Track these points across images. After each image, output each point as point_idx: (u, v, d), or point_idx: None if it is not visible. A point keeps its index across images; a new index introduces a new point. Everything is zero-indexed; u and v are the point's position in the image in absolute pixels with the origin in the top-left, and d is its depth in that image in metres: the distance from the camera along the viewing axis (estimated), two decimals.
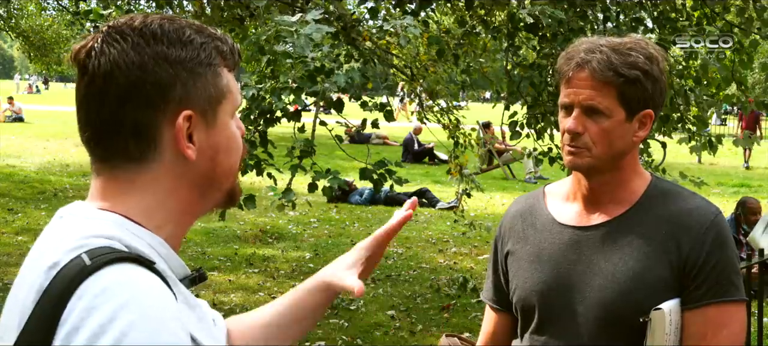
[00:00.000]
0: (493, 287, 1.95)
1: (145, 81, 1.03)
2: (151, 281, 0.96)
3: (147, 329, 0.90)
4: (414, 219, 11.10)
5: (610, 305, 1.69)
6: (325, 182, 4.35)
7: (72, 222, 1.05)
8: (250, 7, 5.77)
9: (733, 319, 1.68)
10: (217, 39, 1.11)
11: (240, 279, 7.63)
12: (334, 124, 4.94)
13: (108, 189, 1.07)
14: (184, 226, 1.12)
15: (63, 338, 0.91)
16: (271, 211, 9.81)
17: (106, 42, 1.04)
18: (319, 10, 4.20)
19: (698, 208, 1.72)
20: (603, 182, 1.75)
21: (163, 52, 1.04)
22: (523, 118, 5.79)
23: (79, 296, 0.92)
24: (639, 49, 1.66)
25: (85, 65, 1.05)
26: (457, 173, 6.91)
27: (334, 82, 3.89)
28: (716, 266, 1.67)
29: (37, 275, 0.98)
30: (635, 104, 1.67)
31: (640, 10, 5.98)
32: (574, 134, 1.67)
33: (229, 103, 1.12)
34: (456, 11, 7.05)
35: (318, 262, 8.38)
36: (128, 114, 1.03)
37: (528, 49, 6.30)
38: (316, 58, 3.82)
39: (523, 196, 1.96)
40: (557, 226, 1.80)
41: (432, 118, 7.51)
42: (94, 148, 1.08)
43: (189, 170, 1.08)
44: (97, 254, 0.96)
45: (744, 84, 6.32)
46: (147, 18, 1.07)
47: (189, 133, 1.07)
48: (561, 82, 1.72)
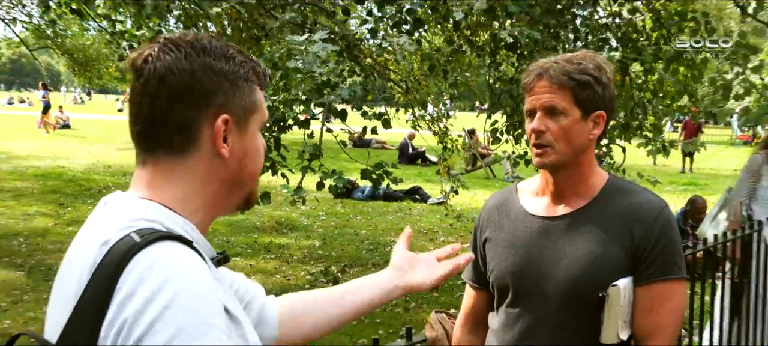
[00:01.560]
0: (472, 269, 1.96)
1: (193, 86, 1.06)
2: (192, 257, 0.98)
3: (190, 296, 0.93)
4: (409, 212, 11.13)
5: (573, 283, 1.71)
6: (331, 180, 4.36)
7: (117, 208, 1.06)
8: (266, 29, 5.79)
9: (675, 294, 1.72)
10: (254, 62, 1.14)
11: (259, 264, 7.65)
12: (339, 131, 4.95)
13: (150, 178, 1.09)
14: (211, 216, 1.14)
15: (119, 303, 0.92)
16: (285, 206, 9.83)
17: (162, 50, 1.07)
18: (326, 31, 4.22)
19: (648, 202, 1.74)
20: (566, 178, 1.77)
21: (210, 63, 1.08)
22: (502, 125, 5.81)
23: (131, 268, 0.94)
24: (588, 60, 1.71)
25: (141, 69, 1.07)
26: (446, 173, 6.92)
27: (338, 94, 3.90)
28: (663, 249, 1.70)
29: (91, 251, 0.99)
30: (589, 105, 1.70)
31: (606, 31, 5.99)
32: (538, 133, 1.71)
33: (259, 115, 1.15)
34: (445, 32, 7.05)
35: (326, 249, 8.40)
36: (176, 112, 1.06)
37: (508, 65, 6.31)
38: (323, 73, 3.83)
39: (498, 191, 1.98)
40: (528, 216, 1.82)
41: (423, 126, 7.52)
42: (142, 141, 1.09)
43: (220, 167, 1.10)
44: (144, 233, 0.98)
45: (694, 96, 6.34)
46: (198, 35, 1.10)
47: (225, 136, 1.09)
48: (525, 93, 1.76)
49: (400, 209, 11.39)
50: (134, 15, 5.30)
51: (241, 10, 4.96)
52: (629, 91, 5.77)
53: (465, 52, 6.65)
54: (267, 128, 4.08)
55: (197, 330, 0.91)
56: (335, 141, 5.03)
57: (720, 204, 5.17)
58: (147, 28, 5.91)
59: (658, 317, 1.71)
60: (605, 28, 6.02)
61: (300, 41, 3.88)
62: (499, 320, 1.85)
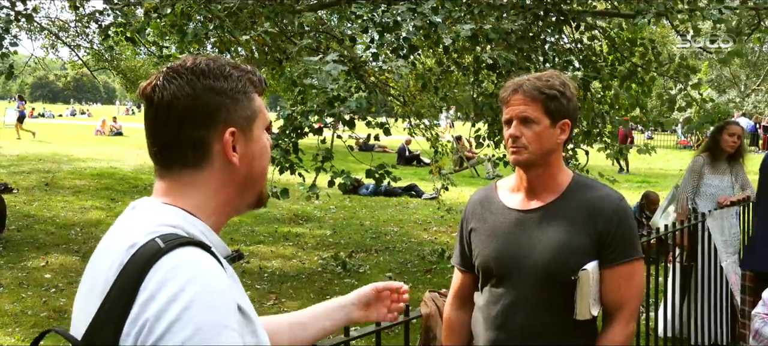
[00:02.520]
0: (460, 254, 1.94)
1: (198, 107, 1.01)
2: (210, 262, 0.94)
3: (207, 298, 0.88)
4: (406, 206, 11.10)
5: (546, 266, 1.70)
6: (341, 179, 4.34)
7: (144, 213, 1.02)
8: (287, 53, 5.77)
9: (635, 272, 1.74)
10: (249, 72, 1.08)
11: (279, 250, 7.63)
12: (347, 137, 4.93)
13: (170, 189, 1.04)
14: (226, 217, 1.09)
15: (142, 303, 0.88)
16: (301, 200, 9.80)
17: (166, 79, 1.02)
18: (336, 54, 4.19)
19: (607, 196, 1.75)
20: (538, 176, 1.76)
21: (210, 85, 1.02)
22: (485, 132, 5.78)
23: (155, 270, 0.89)
24: (555, 78, 1.72)
25: (151, 98, 1.03)
26: (437, 172, 6.89)
27: (347, 106, 3.88)
28: (622, 235, 1.71)
29: (119, 252, 0.94)
30: (556, 114, 1.71)
31: (570, 54, 5.98)
32: (515, 138, 1.72)
33: (260, 120, 1.09)
34: (436, 55, 7.03)
35: (336, 237, 8.38)
36: (186, 133, 1.01)
37: (489, 82, 6.29)
38: (334, 89, 3.81)
39: (481, 188, 1.96)
40: (507, 209, 1.81)
41: (418, 133, 7.51)
42: (160, 160, 1.05)
43: (232, 173, 1.05)
44: (168, 239, 0.93)
45: (645, 108, 6.31)
46: (196, 59, 1.05)
47: (233, 145, 1.04)
48: (502, 105, 1.77)
49: (399, 203, 11.38)
50: (178, 41, 5.28)
51: (266, 37, 4.94)
52: (590, 104, 5.75)
53: (452, 72, 6.63)
54: (287, 135, 4.06)
55: (213, 331, 0.86)
56: (344, 146, 5.01)
57: (669, 199, 5.14)
58: (188, 53, 5.89)
59: (624, 292, 1.72)
60: (569, 52, 6.01)
61: (315, 61, 3.86)
62: (484, 298, 1.83)
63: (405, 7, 4.75)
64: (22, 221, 8.52)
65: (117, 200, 10.34)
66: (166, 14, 5.04)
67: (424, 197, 11.75)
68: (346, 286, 6.13)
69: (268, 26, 4.71)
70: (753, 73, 32.98)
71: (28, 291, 5.77)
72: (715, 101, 7.49)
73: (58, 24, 13.24)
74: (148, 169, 14.40)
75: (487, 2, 4.92)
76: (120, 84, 26.60)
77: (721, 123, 5.05)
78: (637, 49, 6.21)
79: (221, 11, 5.00)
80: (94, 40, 13.54)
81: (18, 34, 12.61)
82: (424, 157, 16.39)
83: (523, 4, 5.26)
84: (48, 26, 12.61)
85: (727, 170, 4.86)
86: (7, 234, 7.63)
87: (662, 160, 17.97)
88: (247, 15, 5.27)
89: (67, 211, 9.35)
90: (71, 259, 6.83)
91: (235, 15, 5.07)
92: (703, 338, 4.21)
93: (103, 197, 10.62)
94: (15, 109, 24.54)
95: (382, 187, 10.07)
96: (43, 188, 11.16)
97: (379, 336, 2.10)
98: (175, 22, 4.98)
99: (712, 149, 4.90)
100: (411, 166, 17.29)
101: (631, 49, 6.22)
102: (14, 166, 13.54)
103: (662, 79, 7.36)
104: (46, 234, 7.89)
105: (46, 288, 5.85)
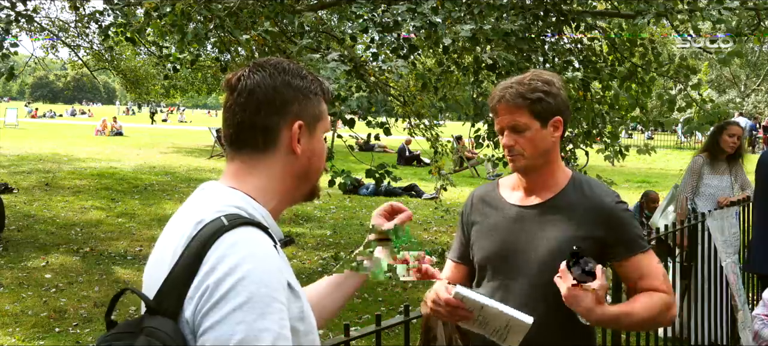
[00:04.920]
0: (458, 247, 1.95)
1: (275, 97, 1.14)
2: (265, 241, 1.04)
3: (261, 272, 0.99)
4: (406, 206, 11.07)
5: (544, 261, 1.71)
6: (341, 179, 4.34)
7: (212, 193, 1.12)
8: (287, 53, 5.76)
9: (651, 259, 1.76)
10: (321, 81, 1.21)
11: None
12: (348, 137, 4.93)
13: (237, 171, 1.15)
14: (284, 205, 1.19)
15: (204, 273, 0.98)
16: None
17: (252, 71, 1.15)
18: (337, 53, 4.19)
19: (604, 193, 1.77)
20: (537, 175, 1.78)
21: (288, 81, 1.15)
22: (484, 132, 5.78)
23: (217, 245, 1.00)
24: (537, 78, 1.72)
25: (235, 86, 1.14)
26: (437, 172, 6.89)
27: (348, 105, 3.88)
28: (625, 231, 1.73)
29: (188, 226, 1.05)
30: (545, 114, 1.71)
31: (569, 55, 5.98)
32: (510, 147, 1.74)
33: (324, 123, 1.21)
34: (436, 55, 7.04)
35: (336, 237, 8.38)
36: (261, 118, 1.13)
37: (488, 82, 6.29)
38: (335, 89, 3.81)
39: (482, 185, 1.98)
40: (507, 205, 1.83)
41: (419, 133, 7.51)
42: (233, 141, 1.15)
43: (294, 163, 1.17)
44: (231, 218, 1.04)
45: (645, 109, 6.32)
46: (280, 59, 1.18)
47: (299, 138, 1.15)
48: (493, 115, 1.79)
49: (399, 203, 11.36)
50: (178, 41, 5.27)
51: (267, 37, 4.94)
52: (590, 104, 5.75)
53: (452, 72, 6.63)
54: None
55: (263, 301, 0.97)
56: (344, 145, 5.01)
57: (668, 198, 5.14)
58: (188, 53, 5.89)
59: (649, 272, 1.73)
60: (569, 52, 6.01)
61: (316, 61, 3.86)
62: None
63: (405, 8, 4.75)
64: (22, 221, 8.52)
65: (117, 200, 10.33)
66: (167, 14, 5.03)
67: (424, 197, 11.75)
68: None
69: (268, 26, 4.71)
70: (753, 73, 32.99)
71: (28, 291, 5.77)
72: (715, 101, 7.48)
73: (59, 24, 13.25)
74: (148, 169, 14.40)
75: (487, 2, 4.92)
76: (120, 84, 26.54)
77: (721, 123, 5.05)
78: (637, 49, 6.22)
79: (221, 11, 5.00)
80: (94, 40, 13.56)
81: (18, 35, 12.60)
82: (424, 158, 16.39)
83: (523, 5, 5.26)
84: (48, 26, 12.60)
85: (726, 170, 4.87)
86: (7, 234, 7.62)
87: (662, 160, 18.00)
88: (248, 15, 5.27)
89: (67, 211, 9.34)
90: (71, 259, 6.82)
91: (236, 15, 5.07)
92: (702, 338, 4.21)
93: (103, 197, 10.60)
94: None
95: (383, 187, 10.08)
96: (43, 188, 11.16)
97: (379, 336, 2.10)
98: (175, 21, 4.97)
99: (711, 149, 4.90)
100: (411, 166, 17.29)
101: (631, 50, 6.23)
102: (14, 166, 13.53)
103: (662, 80, 7.35)
104: (46, 234, 7.89)
105: (46, 288, 5.85)
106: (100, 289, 5.79)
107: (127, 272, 6.42)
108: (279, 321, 0.98)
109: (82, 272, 6.32)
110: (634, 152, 6.11)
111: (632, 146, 6.15)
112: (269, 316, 0.96)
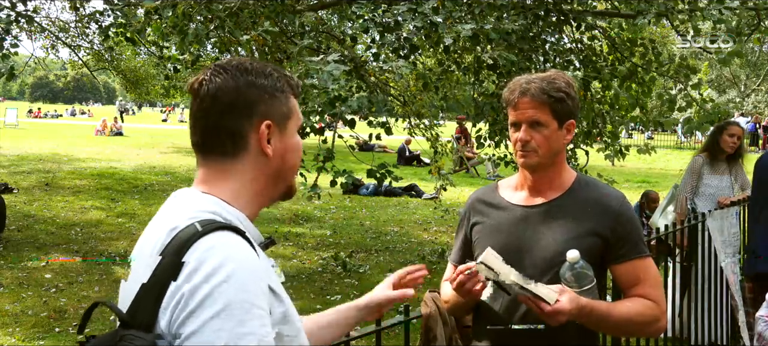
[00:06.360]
0: (459, 249, 1.94)
1: (239, 99, 1.09)
2: (242, 245, 1.01)
3: (239, 277, 0.95)
4: (406, 206, 11.10)
5: (549, 260, 1.71)
6: (342, 179, 4.34)
7: (185, 200, 1.10)
8: (287, 53, 5.77)
9: (650, 265, 1.76)
10: (288, 76, 1.17)
11: (279, 250, 7.61)
12: (348, 137, 4.93)
13: (208, 177, 1.12)
14: (259, 206, 1.16)
15: (186, 276, 0.95)
16: (302, 200, 9.80)
17: (213, 74, 1.10)
18: (337, 54, 4.19)
19: (611, 194, 1.78)
20: (544, 175, 1.78)
21: (252, 81, 1.11)
22: (485, 132, 5.78)
23: (192, 252, 0.97)
24: (560, 79, 1.73)
25: (197, 91, 1.11)
26: (437, 172, 6.89)
27: (348, 106, 3.88)
28: (630, 233, 1.74)
29: (161, 234, 1.03)
30: (563, 116, 1.72)
31: (570, 54, 5.98)
32: (525, 142, 1.72)
33: (294, 119, 1.17)
34: (437, 54, 7.04)
35: (336, 237, 8.38)
36: (227, 123, 1.09)
37: (489, 82, 6.29)
38: (335, 89, 3.81)
39: (482, 187, 1.97)
40: (511, 205, 1.82)
41: (419, 133, 7.51)
42: (201, 147, 1.12)
43: (266, 165, 1.13)
44: (205, 223, 1.01)
45: (645, 108, 6.32)
46: (242, 59, 1.14)
47: (268, 138, 1.12)
48: (508, 107, 1.76)
49: (399, 203, 11.37)
50: (178, 42, 5.27)
51: (267, 37, 4.94)
52: (590, 104, 5.75)
53: (453, 72, 6.63)
54: None
55: (242, 308, 0.94)
56: (345, 146, 5.01)
57: (668, 198, 5.14)
58: (188, 53, 5.89)
59: (646, 278, 1.74)
60: (570, 52, 6.01)
61: (316, 61, 3.86)
62: (485, 293, 1.83)
63: (405, 7, 4.75)
64: (22, 221, 8.52)
65: (117, 200, 10.33)
66: (167, 16, 5.03)
67: (424, 197, 11.74)
68: (346, 286, 6.13)
69: (268, 26, 4.71)
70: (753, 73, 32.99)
71: (28, 291, 5.77)
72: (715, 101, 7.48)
73: (59, 24, 13.26)
74: (147, 169, 14.41)
75: (488, 2, 4.92)
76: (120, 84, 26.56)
77: (721, 123, 5.05)
78: (637, 49, 6.22)
79: (222, 11, 5.00)
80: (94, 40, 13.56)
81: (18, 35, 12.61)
82: (424, 158, 16.39)
83: (524, 4, 5.26)
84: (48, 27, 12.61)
85: (726, 170, 4.86)
86: (7, 234, 7.62)
87: (662, 160, 17.99)
88: (248, 15, 5.26)
89: (67, 211, 9.34)
90: (71, 259, 6.83)
91: (236, 15, 5.07)
92: (702, 338, 4.21)
93: (103, 197, 10.60)
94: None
95: (383, 187, 10.08)
96: (43, 188, 11.16)
97: (379, 336, 2.10)
98: (176, 22, 4.97)
99: (711, 149, 4.90)
100: (411, 166, 17.28)
101: (631, 49, 6.23)
102: (14, 166, 13.53)
103: (662, 79, 7.35)
104: (46, 234, 7.89)
105: (46, 288, 5.85)
106: (100, 289, 5.79)
107: (127, 272, 6.41)
108: (260, 327, 0.95)
109: (82, 272, 6.32)
110: (634, 152, 6.11)
111: (632, 146, 6.15)
112: (249, 322, 0.93)
